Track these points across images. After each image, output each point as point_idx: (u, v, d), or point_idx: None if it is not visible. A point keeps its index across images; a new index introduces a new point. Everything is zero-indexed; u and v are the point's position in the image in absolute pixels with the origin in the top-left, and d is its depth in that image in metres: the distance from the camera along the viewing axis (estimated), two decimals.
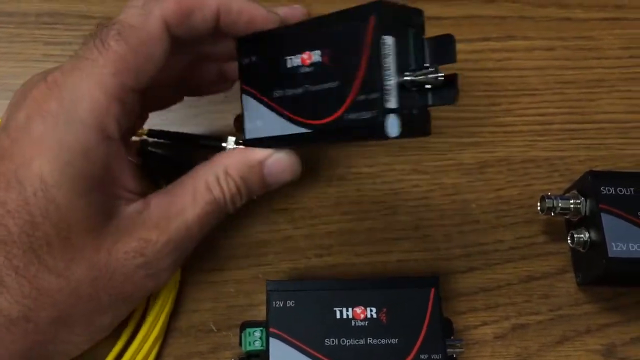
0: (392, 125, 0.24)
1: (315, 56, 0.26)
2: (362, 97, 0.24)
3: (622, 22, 0.42)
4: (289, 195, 0.36)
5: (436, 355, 0.29)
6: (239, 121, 0.30)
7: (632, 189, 0.33)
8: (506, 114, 0.39)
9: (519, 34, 0.41)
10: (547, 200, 0.34)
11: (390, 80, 0.24)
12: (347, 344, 0.29)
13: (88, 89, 0.24)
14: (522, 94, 0.40)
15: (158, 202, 0.27)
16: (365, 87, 0.24)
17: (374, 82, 0.24)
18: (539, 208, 0.34)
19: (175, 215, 0.27)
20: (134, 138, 0.35)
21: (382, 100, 0.24)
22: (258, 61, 0.28)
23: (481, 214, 0.36)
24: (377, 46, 0.24)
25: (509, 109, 0.39)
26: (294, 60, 0.27)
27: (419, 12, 0.26)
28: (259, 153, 0.29)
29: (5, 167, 0.24)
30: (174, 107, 0.34)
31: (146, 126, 0.35)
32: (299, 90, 0.27)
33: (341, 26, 0.25)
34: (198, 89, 0.33)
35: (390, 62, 0.24)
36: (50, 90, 0.25)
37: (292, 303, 0.30)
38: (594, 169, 0.34)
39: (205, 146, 0.35)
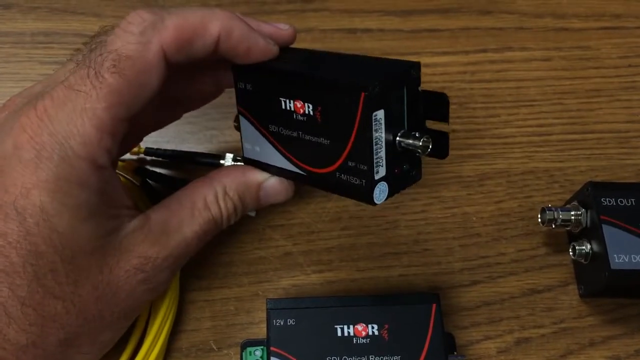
0: (381, 192, 0.25)
1: (308, 108, 0.26)
2: (352, 163, 0.25)
3: (620, 31, 0.42)
4: (285, 211, 0.36)
5: None
6: (238, 121, 0.30)
7: (633, 199, 0.32)
8: (505, 126, 0.39)
9: (516, 45, 0.41)
10: (547, 212, 0.34)
11: (380, 152, 0.25)
12: None
13: (82, 124, 0.24)
14: (521, 105, 0.40)
15: (156, 217, 0.28)
16: (354, 156, 0.25)
17: (363, 155, 0.24)
18: (539, 220, 0.34)
19: (174, 231, 0.28)
20: (131, 156, 0.35)
21: (371, 172, 0.25)
22: (253, 91, 0.28)
23: (482, 226, 0.36)
24: (367, 122, 0.24)
25: (507, 121, 0.39)
26: (289, 104, 0.27)
27: (416, 66, 0.25)
28: (259, 174, 0.30)
29: (1, 198, 0.24)
30: (170, 124, 0.34)
31: (143, 144, 0.35)
32: (294, 134, 0.27)
33: (334, 93, 0.25)
34: (194, 103, 0.33)
35: (380, 135, 0.24)
36: (41, 121, 0.24)
37: (293, 321, 0.30)
38: (594, 180, 0.34)
39: (202, 163, 0.35)
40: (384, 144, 0.25)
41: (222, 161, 0.35)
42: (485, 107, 0.39)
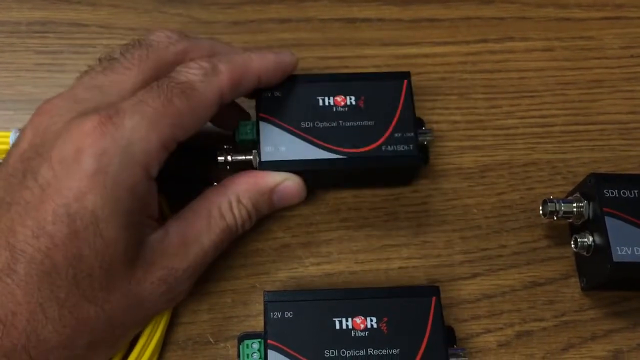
0: (421, 156, 0.33)
1: (350, 100, 0.33)
2: (398, 134, 0.32)
3: (622, 21, 0.41)
4: None
5: None
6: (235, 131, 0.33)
7: (636, 191, 0.32)
8: (507, 117, 0.38)
9: (517, 35, 0.41)
10: (549, 204, 0.33)
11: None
12: (348, 354, 0.29)
13: (147, 133, 0.26)
14: (523, 95, 0.39)
15: (176, 229, 0.29)
16: (400, 128, 0.32)
17: (409, 125, 0.33)
18: (541, 212, 0.33)
19: (193, 242, 0.29)
20: None
21: (416, 136, 0.32)
22: (282, 96, 0.33)
23: (483, 218, 0.36)
24: (410, 99, 0.33)
25: (509, 112, 0.39)
26: (328, 100, 0.33)
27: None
28: (270, 179, 0.31)
29: (53, 200, 0.24)
30: None
31: None
32: (332, 124, 0.32)
33: (380, 83, 0.34)
34: (224, 126, 0.35)
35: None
36: (105, 126, 0.25)
37: (291, 314, 0.29)
38: (596, 172, 0.33)
39: (197, 155, 0.35)
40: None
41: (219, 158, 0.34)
42: (487, 98, 0.39)
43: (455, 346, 0.31)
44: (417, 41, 0.40)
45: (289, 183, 0.32)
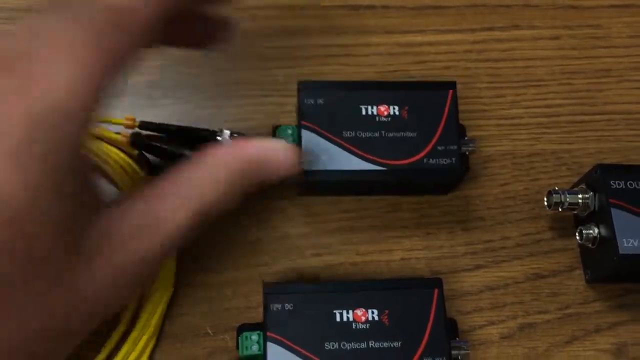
0: (463, 168, 0.33)
1: (393, 110, 0.32)
2: (441, 147, 0.32)
3: (631, 9, 0.41)
4: (283, 192, 0.35)
5: (440, 358, 0.28)
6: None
7: None
8: (511, 106, 0.38)
9: (524, 23, 0.40)
10: (554, 195, 0.33)
11: None
12: (348, 347, 0.28)
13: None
14: (528, 85, 0.38)
15: (133, 211, 0.23)
16: (444, 140, 0.32)
17: (452, 137, 0.32)
18: (546, 203, 0.33)
19: (154, 226, 0.23)
20: (126, 131, 0.34)
21: (459, 150, 0.32)
22: (324, 104, 0.32)
23: (486, 210, 0.35)
24: (454, 110, 0.33)
25: (514, 101, 0.38)
26: (371, 110, 0.32)
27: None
28: (251, 148, 0.25)
29: None
30: (165, 103, 0.33)
31: (138, 118, 0.34)
32: (375, 135, 0.32)
33: (424, 92, 0.33)
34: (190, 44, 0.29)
35: None
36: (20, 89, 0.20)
37: (291, 306, 0.29)
38: (603, 162, 0.33)
39: (199, 138, 0.34)
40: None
41: (218, 137, 0.34)
42: (492, 87, 0.38)
43: (457, 338, 0.30)
44: (422, 29, 0.39)
45: (274, 145, 0.26)
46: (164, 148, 0.34)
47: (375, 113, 0.32)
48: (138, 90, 0.36)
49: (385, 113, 0.33)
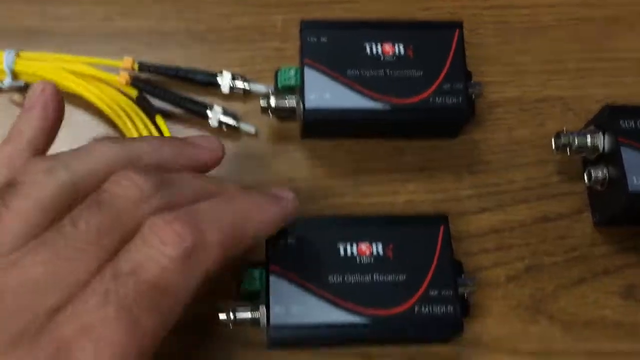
0: (469, 109, 0.32)
1: (398, 48, 0.32)
2: (447, 86, 0.31)
3: None
4: (287, 136, 0.34)
5: (447, 292, 0.28)
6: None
7: None
8: (517, 53, 0.37)
9: None
10: (562, 137, 0.32)
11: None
12: (352, 280, 0.28)
13: None
14: (535, 31, 0.38)
15: None
16: (450, 78, 0.31)
17: (458, 76, 0.32)
18: (553, 146, 0.32)
19: None
20: (124, 72, 0.33)
21: (465, 90, 0.31)
22: (328, 42, 0.32)
23: (491, 154, 0.34)
24: (461, 49, 0.32)
25: (520, 48, 0.37)
26: (375, 48, 0.32)
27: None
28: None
29: None
30: (164, 47, 0.32)
31: (136, 58, 0.33)
32: (379, 73, 0.31)
33: (431, 31, 0.32)
34: None
35: None
36: None
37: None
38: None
39: (198, 81, 0.34)
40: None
41: (218, 79, 0.33)
42: (498, 34, 0.37)
43: (463, 276, 0.30)
44: None
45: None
46: (164, 90, 0.34)
47: (380, 51, 0.32)
48: (137, 34, 0.36)
49: (390, 52, 0.32)
